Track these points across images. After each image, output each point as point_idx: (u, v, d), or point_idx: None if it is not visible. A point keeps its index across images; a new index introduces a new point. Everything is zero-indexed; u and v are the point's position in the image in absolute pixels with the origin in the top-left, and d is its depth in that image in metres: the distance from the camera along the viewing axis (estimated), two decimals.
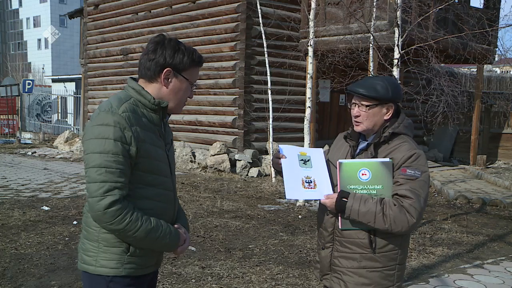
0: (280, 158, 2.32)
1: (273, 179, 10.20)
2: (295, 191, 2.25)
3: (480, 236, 6.67)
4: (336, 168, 2.29)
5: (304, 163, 2.33)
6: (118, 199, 1.91)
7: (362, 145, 2.38)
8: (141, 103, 2.06)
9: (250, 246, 5.79)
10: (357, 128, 2.36)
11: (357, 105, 2.34)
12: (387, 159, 2.24)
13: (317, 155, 2.39)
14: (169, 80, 2.08)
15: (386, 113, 2.32)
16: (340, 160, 2.29)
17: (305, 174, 2.29)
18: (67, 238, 5.82)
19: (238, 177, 11.01)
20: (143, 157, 2.00)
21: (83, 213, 2.12)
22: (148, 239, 2.00)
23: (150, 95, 2.07)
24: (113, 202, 1.91)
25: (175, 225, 2.17)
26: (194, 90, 2.20)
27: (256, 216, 7.31)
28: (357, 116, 2.33)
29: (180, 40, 2.13)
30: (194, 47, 2.17)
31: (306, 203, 8.14)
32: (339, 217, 2.27)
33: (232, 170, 11.38)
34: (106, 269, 2.02)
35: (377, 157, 2.28)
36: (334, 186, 2.31)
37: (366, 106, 2.30)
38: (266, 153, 11.66)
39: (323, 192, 2.27)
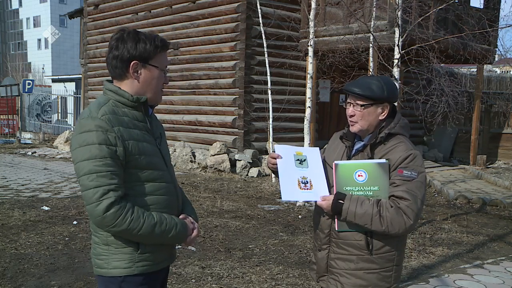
0: (275, 159, 2.29)
1: (273, 179, 10.20)
2: (291, 192, 2.22)
3: (480, 236, 6.67)
4: (332, 169, 2.27)
5: (300, 163, 2.29)
6: (114, 201, 1.92)
7: (358, 145, 2.36)
8: (121, 103, 2.06)
9: (250, 246, 5.79)
10: (353, 128, 2.34)
11: (352, 105, 2.31)
12: (383, 160, 2.22)
13: (313, 154, 2.36)
14: (139, 72, 2.07)
15: (382, 113, 2.30)
16: (336, 162, 2.27)
17: (301, 174, 2.26)
18: (67, 238, 5.82)
19: (238, 177, 11.01)
20: (133, 155, 2.00)
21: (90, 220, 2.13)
22: (155, 234, 2.01)
23: (127, 93, 2.06)
24: (110, 205, 1.91)
25: (181, 216, 2.18)
26: (168, 75, 2.19)
27: (256, 216, 7.31)
28: (352, 116, 2.31)
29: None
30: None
31: (306, 203, 8.14)
32: (336, 219, 2.25)
33: (232, 170, 11.37)
34: (118, 270, 2.03)
35: (373, 158, 2.25)
36: (330, 187, 2.28)
37: (361, 105, 2.28)
38: (266, 153, 11.66)
39: (319, 193, 2.24)
